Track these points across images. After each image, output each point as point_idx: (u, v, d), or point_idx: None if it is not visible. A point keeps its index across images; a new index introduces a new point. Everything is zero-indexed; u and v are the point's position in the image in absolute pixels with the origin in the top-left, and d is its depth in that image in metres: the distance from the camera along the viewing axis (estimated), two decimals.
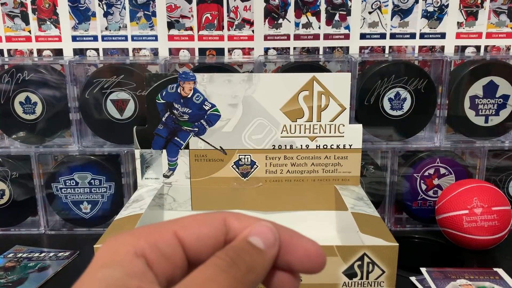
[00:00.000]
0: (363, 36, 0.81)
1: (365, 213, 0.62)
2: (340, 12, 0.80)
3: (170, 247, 0.22)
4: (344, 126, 0.71)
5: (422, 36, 0.81)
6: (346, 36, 0.81)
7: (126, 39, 0.81)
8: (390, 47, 0.82)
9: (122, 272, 0.20)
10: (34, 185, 0.80)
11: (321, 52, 0.82)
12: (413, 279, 0.63)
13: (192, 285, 0.19)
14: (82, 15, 0.80)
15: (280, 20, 0.81)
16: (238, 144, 0.72)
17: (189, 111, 0.71)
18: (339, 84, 0.70)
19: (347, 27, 0.81)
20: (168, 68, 0.79)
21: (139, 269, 0.20)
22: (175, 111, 0.71)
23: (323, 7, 0.80)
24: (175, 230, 0.22)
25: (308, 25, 0.81)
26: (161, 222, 0.23)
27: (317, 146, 0.72)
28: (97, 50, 0.82)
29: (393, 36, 0.81)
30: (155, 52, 0.82)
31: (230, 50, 0.82)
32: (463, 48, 0.82)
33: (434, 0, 0.80)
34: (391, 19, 0.81)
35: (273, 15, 0.81)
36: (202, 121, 0.72)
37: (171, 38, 0.81)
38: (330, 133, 0.72)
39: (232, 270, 0.20)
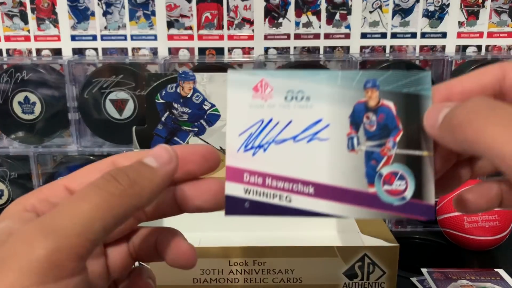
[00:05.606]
0: (363, 36, 0.81)
1: None
2: (341, 12, 0.80)
3: (61, 200, 0.23)
4: None
5: (423, 35, 0.81)
6: (347, 36, 0.81)
7: (126, 39, 0.81)
8: (391, 46, 0.81)
9: (10, 223, 0.22)
10: (33, 186, 0.79)
11: (321, 51, 0.81)
12: (414, 279, 0.63)
13: (64, 204, 0.21)
14: (81, 14, 0.80)
15: (280, 19, 0.81)
16: None
17: (189, 111, 0.71)
18: None
19: (348, 27, 0.80)
20: (168, 67, 0.79)
21: (27, 218, 0.22)
22: (174, 111, 0.71)
23: (323, 6, 0.80)
24: (65, 184, 0.24)
25: (308, 24, 0.80)
26: (53, 181, 0.25)
27: None
28: (96, 49, 0.81)
29: (394, 35, 0.81)
30: (154, 51, 0.82)
31: (230, 50, 0.81)
32: (464, 47, 0.81)
33: None
34: (392, 19, 0.80)
35: (273, 14, 0.80)
36: (201, 121, 0.71)
37: (170, 37, 0.81)
38: None
39: (109, 185, 0.21)
